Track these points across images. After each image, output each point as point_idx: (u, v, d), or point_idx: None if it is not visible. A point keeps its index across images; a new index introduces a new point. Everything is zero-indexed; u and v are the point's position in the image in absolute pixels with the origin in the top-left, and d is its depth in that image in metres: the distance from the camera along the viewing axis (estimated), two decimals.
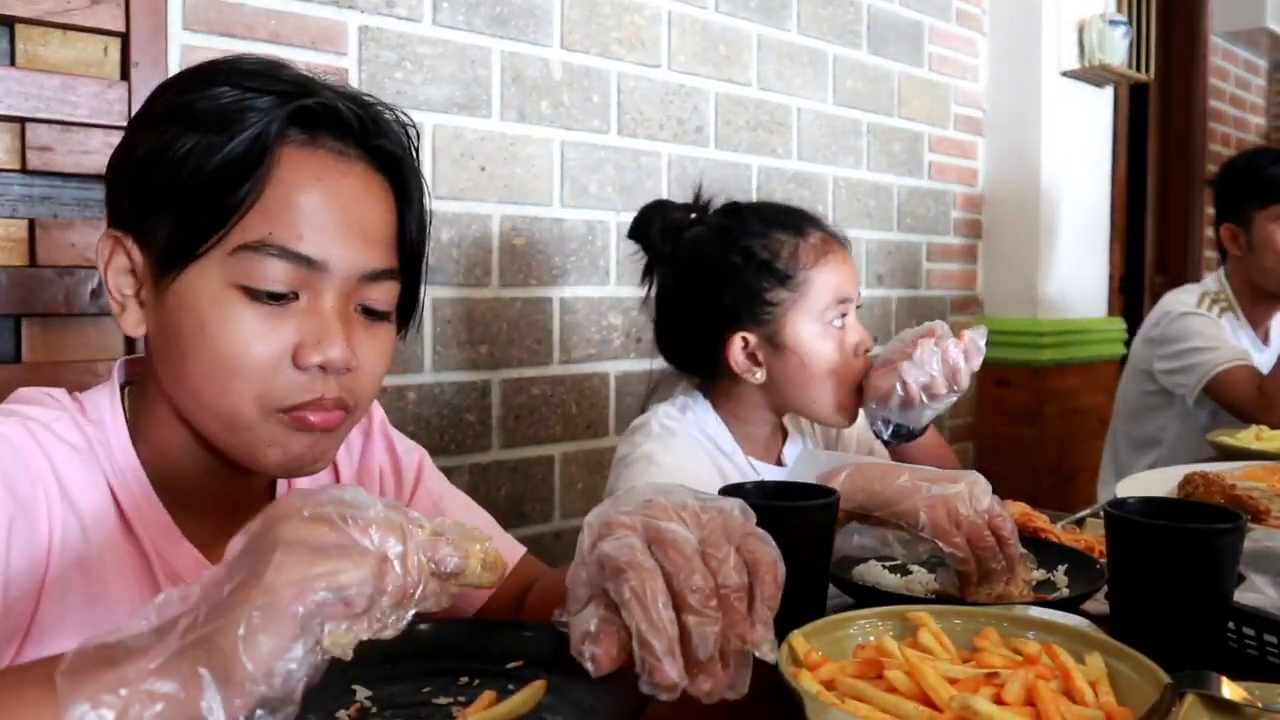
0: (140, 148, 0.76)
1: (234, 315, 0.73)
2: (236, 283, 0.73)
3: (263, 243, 0.73)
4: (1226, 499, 1.24)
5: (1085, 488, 2.91)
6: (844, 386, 1.28)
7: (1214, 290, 2.37)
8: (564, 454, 2.00)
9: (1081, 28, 3.02)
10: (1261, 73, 5.06)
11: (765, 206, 1.35)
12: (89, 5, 1.34)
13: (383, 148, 0.80)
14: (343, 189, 0.76)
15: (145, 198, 0.76)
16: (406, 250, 0.83)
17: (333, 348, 0.75)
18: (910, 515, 0.93)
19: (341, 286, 0.76)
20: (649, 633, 0.56)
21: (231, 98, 0.74)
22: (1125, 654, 0.69)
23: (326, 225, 0.75)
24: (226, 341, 0.73)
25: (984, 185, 3.10)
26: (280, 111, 0.74)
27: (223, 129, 0.73)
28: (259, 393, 0.74)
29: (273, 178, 0.74)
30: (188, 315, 0.74)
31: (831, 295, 1.27)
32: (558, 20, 1.95)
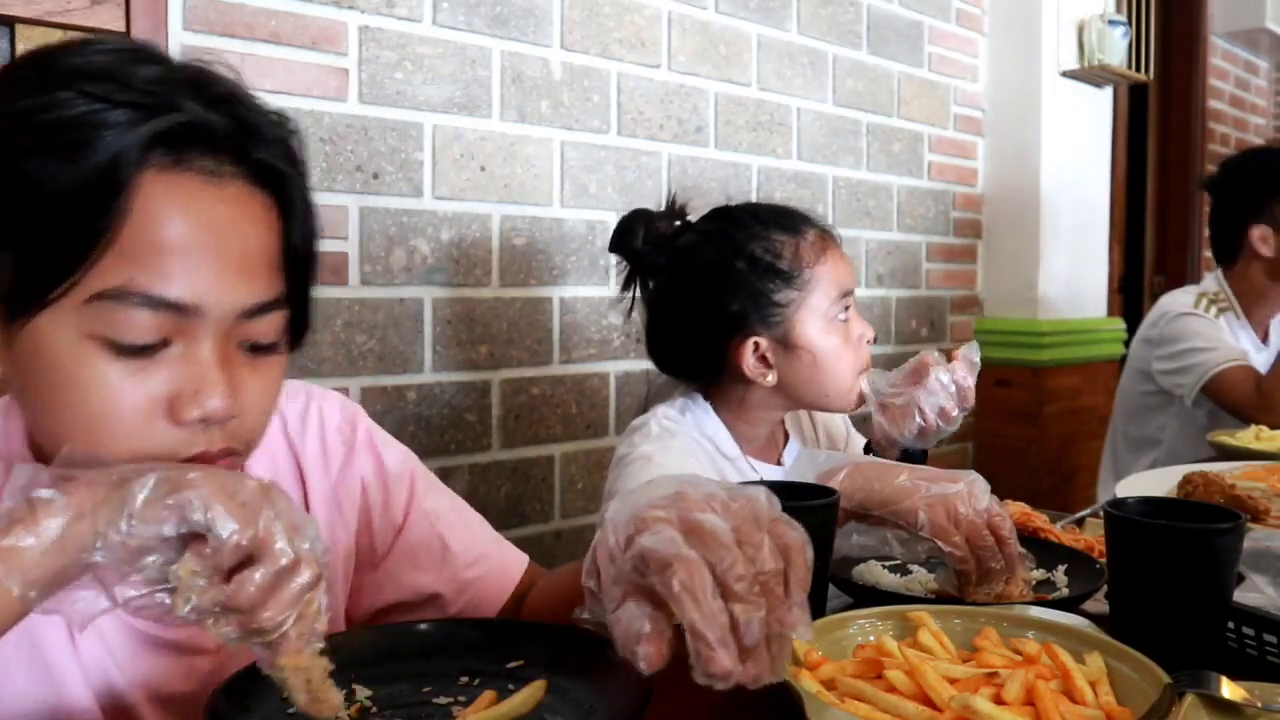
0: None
1: (95, 371, 0.64)
2: (95, 334, 0.63)
3: (123, 290, 0.63)
4: (1226, 499, 1.24)
5: (1085, 488, 2.91)
6: (852, 377, 1.29)
7: (1213, 291, 2.36)
8: (564, 454, 2.00)
9: (1081, 28, 3.02)
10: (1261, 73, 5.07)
11: (759, 207, 1.34)
12: (89, 5, 1.34)
13: (263, 161, 0.69)
14: (215, 217, 0.66)
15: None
16: (292, 266, 0.73)
17: (211, 399, 0.66)
18: (909, 514, 0.94)
19: (218, 327, 0.67)
20: (702, 624, 0.56)
21: (78, 110, 0.62)
22: (1125, 654, 0.69)
23: (197, 263, 0.64)
24: (91, 399, 0.64)
25: (984, 185, 3.11)
26: (139, 133, 0.63)
27: (69, 152, 0.61)
28: (133, 451, 0.65)
29: (132, 211, 0.62)
30: (42, 368, 0.65)
31: (836, 290, 1.28)
32: (558, 20, 1.95)
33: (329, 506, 0.90)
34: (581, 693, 0.68)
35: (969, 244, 3.08)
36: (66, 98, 0.62)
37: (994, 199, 3.10)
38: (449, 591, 0.93)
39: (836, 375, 1.28)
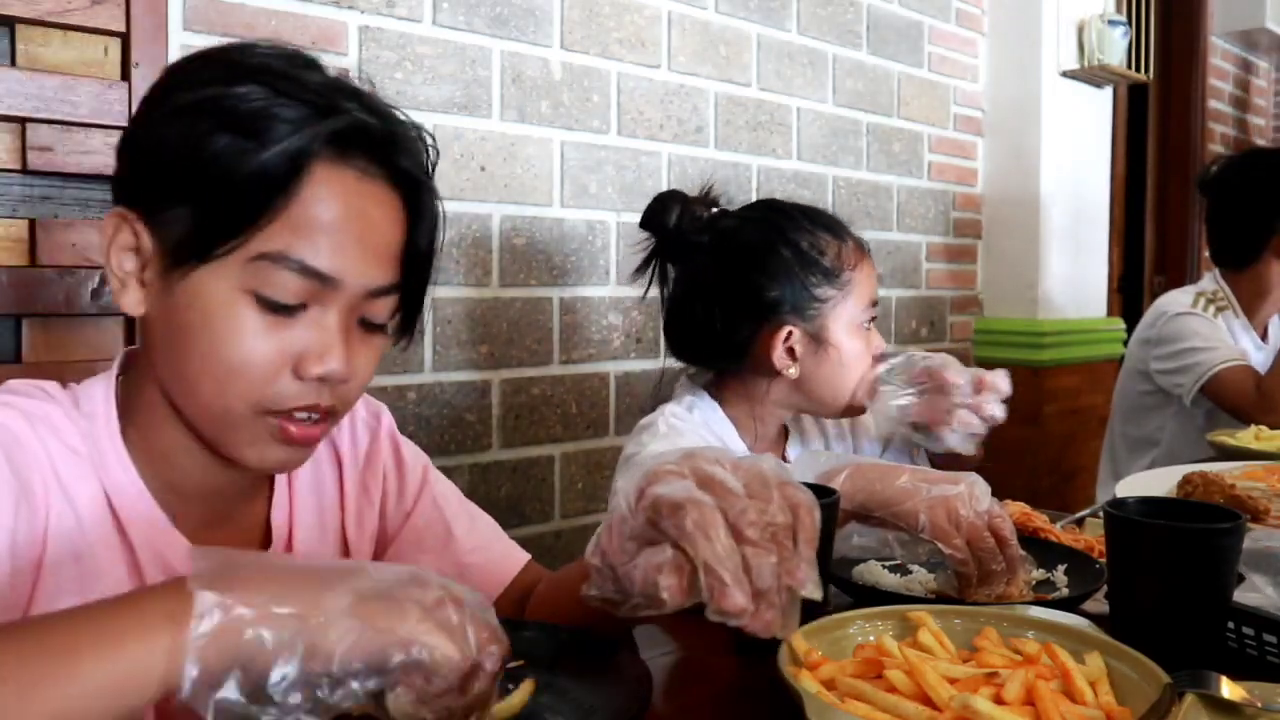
0: (163, 134, 0.76)
1: (243, 321, 0.74)
2: (250, 289, 0.74)
3: (282, 254, 0.73)
4: (1226, 499, 1.25)
5: (1085, 488, 2.91)
6: (864, 385, 1.31)
7: (1210, 290, 2.36)
8: (564, 454, 2.00)
9: (1081, 28, 3.02)
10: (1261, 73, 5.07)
11: (804, 206, 1.36)
12: (89, 5, 1.34)
13: (403, 168, 0.80)
14: (364, 208, 0.77)
15: (165, 186, 0.75)
16: (413, 260, 0.83)
17: (334, 360, 0.76)
18: (910, 516, 0.94)
19: (347, 301, 0.77)
20: (715, 561, 0.58)
21: (262, 101, 0.73)
22: (1125, 654, 0.69)
23: (344, 243, 0.75)
24: (233, 346, 0.74)
25: (984, 185, 3.11)
26: (318, 129, 0.74)
27: (255, 135, 0.72)
28: (255, 397, 0.75)
29: (302, 193, 0.74)
30: (195, 313, 0.75)
31: (868, 298, 1.31)
32: (558, 20, 1.95)
33: (359, 491, 0.97)
34: (581, 693, 0.68)
35: (969, 244, 3.08)
36: (251, 90, 0.74)
37: (994, 199, 3.10)
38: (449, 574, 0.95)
39: (853, 378, 1.30)
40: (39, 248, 1.31)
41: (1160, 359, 2.27)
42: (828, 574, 0.88)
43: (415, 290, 0.85)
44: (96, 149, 1.35)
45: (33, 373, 1.29)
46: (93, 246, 1.35)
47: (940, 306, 2.97)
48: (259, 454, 0.78)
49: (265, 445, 0.78)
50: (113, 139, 1.36)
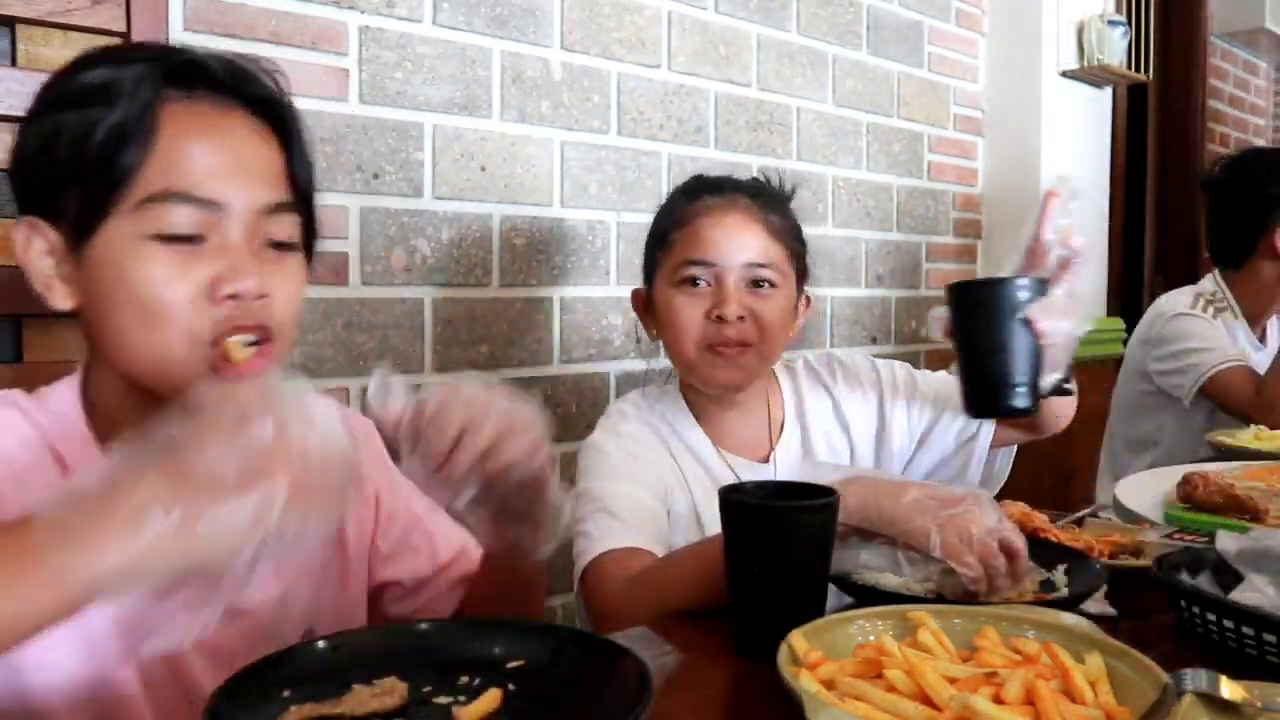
0: (34, 137, 0.82)
1: (149, 261, 0.78)
2: (146, 232, 0.78)
3: (164, 192, 0.78)
4: (1226, 499, 1.25)
5: (1085, 487, 2.91)
6: (691, 348, 1.28)
7: (1209, 291, 2.36)
8: (564, 454, 1.99)
9: (1081, 28, 3.02)
10: (1261, 73, 5.07)
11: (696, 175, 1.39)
12: (89, 5, 1.34)
13: (258, 94, 0.85)
14: (227, 133, 0.82)
15: (48, 179, 0.81)
16: (300, 187, 0.88)
17: (244, 278, 0.80)
18: (921, 535, 0.92)
19: (243, 221, 0.81)
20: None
21: (106, 74, 0.80)
22: (1125, 654, 0.69)
23: (218, 168, 0.80)
24: (147, 284, 0.78)
25: (984, 185, 3.11)
26: (154, 72, 0.80)
27: (104, 100, 0.78)
28: (183, 331, 0.79)
29: (161, 133, 0.79)
30: (108, 269, 0.79)
31: (683, 256, 1.28)
32: (558, 20, 1.95)
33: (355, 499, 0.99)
34: (581, 693, 0.68)
35: (969, 244, 3.08)
36: (96, 71, 0.80)
37: (994, 199, 3.10)
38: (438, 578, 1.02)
39: (672, 340, 1.30)
40: None
41: (1159, 360, 2.27)
42: (826, 576, 0.88)
43: (308, 214, 0.90)
44: None
45: (33, 373, 1.29)
46: None
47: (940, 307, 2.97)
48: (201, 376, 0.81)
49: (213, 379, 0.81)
50: None
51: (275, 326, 0.83)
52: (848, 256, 2.64)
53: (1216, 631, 0.86)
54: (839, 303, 2.63)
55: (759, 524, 0.83)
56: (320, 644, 0.72)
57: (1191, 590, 0.90)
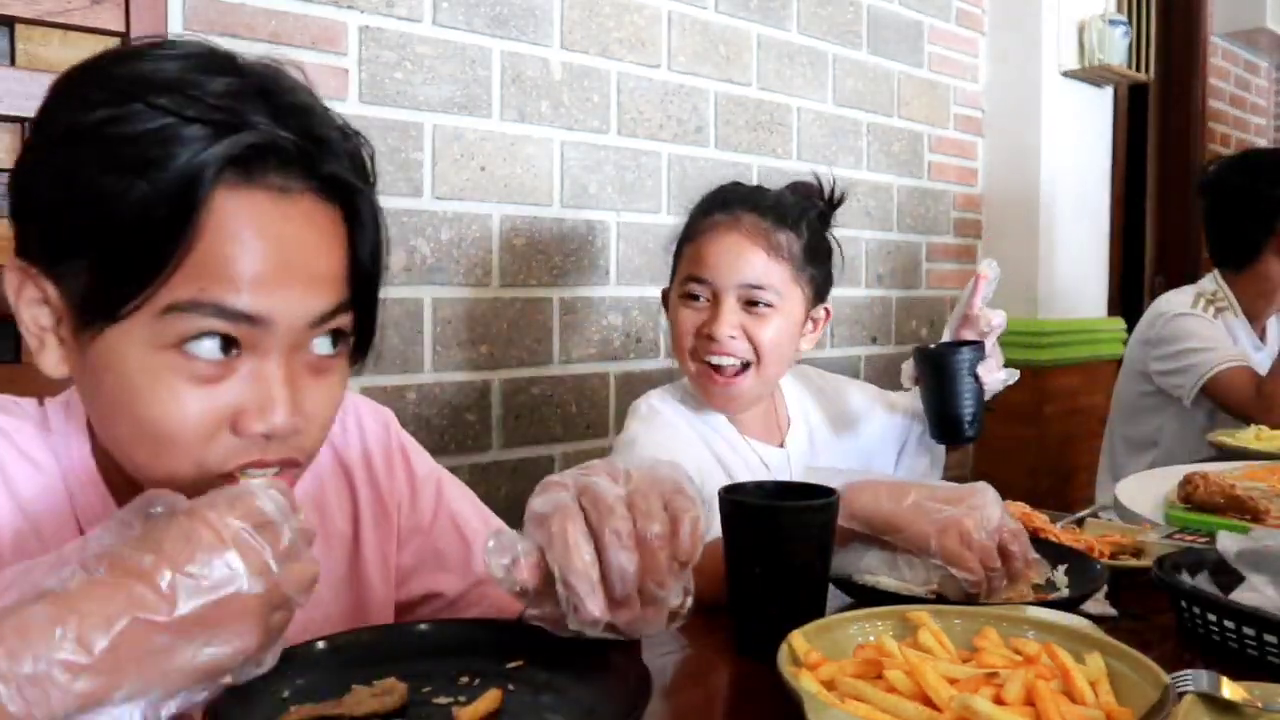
0: (44, 170, 0.66)
1: (166, 383, 0.65)
2: (167, 345, 0.65)
3: (194, 302, 0.64)
4: (1227, 499, 1.24)
5: (1085, 488, 2.91)
6: (686, 357, 1.35)
7: (1210, 291, 2.36)
8: (564, 454, 2.00)
9: (1081, 28, 3.02)
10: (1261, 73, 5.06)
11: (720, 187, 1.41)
12: (89, 5, 1.34)
13: (330, 175, 0.69)
14: (284, 232, 0.66)
15: (54, 235, 0.66)
16: (359, 275, 0.74)
17: (276, 414, 0.67)
18: (921, 539, 0.91)
19: (286, 339, 0.68)
20: (571, 572, 0.61)
21: (152, 124, 0.63)
22: (1125, 654, 0.69)
23: (266, 274, 0.65)
24: (159, 411, 0.65)
25: (984, 185, 3.11)
26: (212, 154, 0.63)
27: (142, 168, 0.62)
28: (195, 460, 0.67)
29: (204, 227, 0.63)
30: (113, 377, 0.66)
31: (687, 270, 1.34)
32: (558, 20, 1.95)
33: (375, 514, 0.93)
34: (581, 693, 0.68)
35: (969, 244, 3.08)
36: (138, 110, 0.63)
37: (994, 199, 3.09)
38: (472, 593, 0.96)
39: (676, 349, 1.37)
40: None
41: (1160, 360, 2.27)
42: (826, 576, 0.88)
43: (367, 306, 0.75)
44: None
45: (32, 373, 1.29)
46: None
47: (940, 306, 2.97)
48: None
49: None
50: None
51: (305, 456, 0.72)
52: (848, 256, 2.63)
53: (1217, 632, 0.86)
54: (839, 303, 2.62)
55: (759, 524, 0.83)
56: (320, 644, 0.71)
57: (1192, 591, 0.90)
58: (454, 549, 0.96)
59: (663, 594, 0.63)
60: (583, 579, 0.60)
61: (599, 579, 0.61)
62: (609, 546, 0.61)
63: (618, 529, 0.61)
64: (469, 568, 0.95)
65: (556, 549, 0.61)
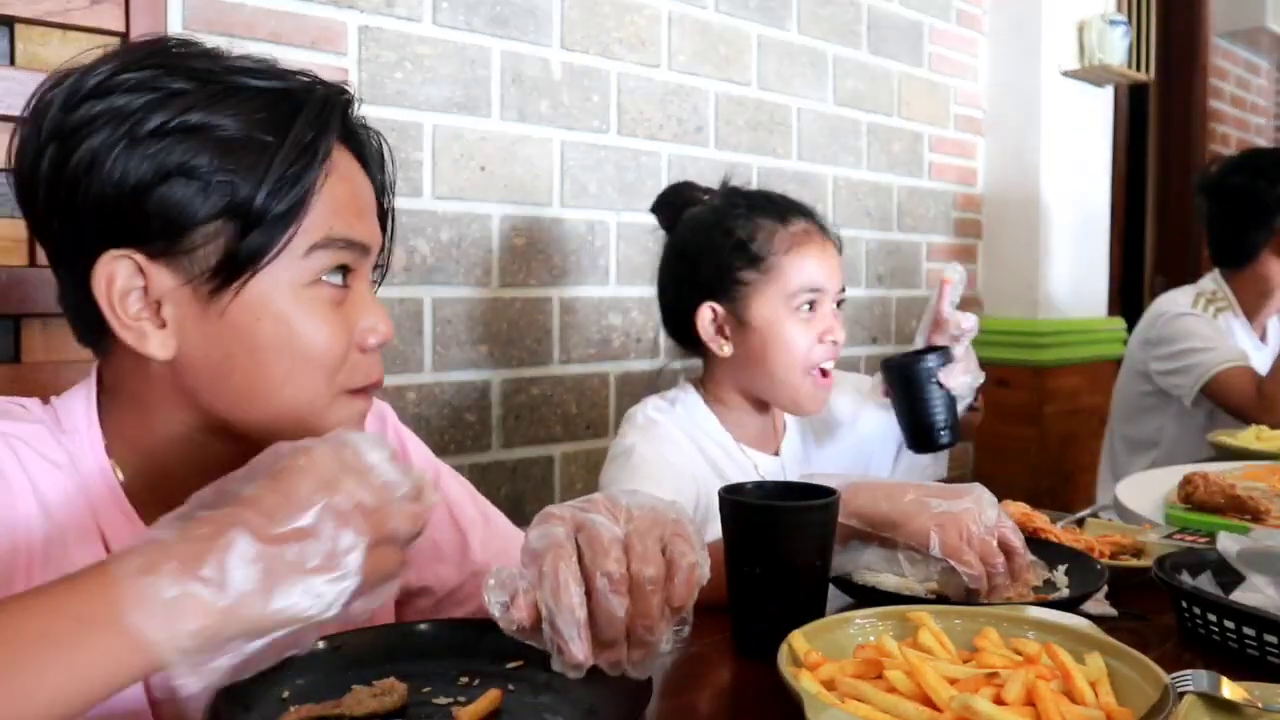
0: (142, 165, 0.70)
1: (319, 312, 0.75)
2: (312, 279, 0.74)
3: (329, 239, 0.75)
4: (1227, 499, 1.24)
5: (1085, 488, 2.91)
6: (800, 371, 1.33)
7: (1210, 290, 2.36)
8: (564, 454, 2.00)
9: (1081, 28, 3.02)
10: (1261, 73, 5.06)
11: (759, 192, 1.41)
12: (89, 5, 1.34)
13: (353, 128, 0.81)
14: (354, 176, 0.79)
15: (171, 216, 0.70)
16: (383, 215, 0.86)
17: (385, 324, 0.79)
18: (921, 535, 0.92)
19: (369, 264, 0.80)
20: (558, 615, 0.60)
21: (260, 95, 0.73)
22: (1125, 654, 0.69)
23: (359, 210, 0.78)
24: (314, 337, 0.75)
25: (984, 185, 3.11)
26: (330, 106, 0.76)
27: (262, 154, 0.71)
28: (339, 382, 0.77)
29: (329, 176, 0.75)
30: (268, 322, 0.73)
31: (800, 283, 1.32)
32: (558, 20, 1.95)
33: None
34: (581, 693, 0.68)
35: (969, 244, 3.08)
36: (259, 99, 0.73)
37: (994, 199, 3.09)
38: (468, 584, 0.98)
39: (782, 364, 1.33)
40: (38, 248, 1.31)
41: (1160, 360, 2.27)
42: (826, 576, 0.88)
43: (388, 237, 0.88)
44: None
45: (31, 373, 1.29)
46: None
47: None
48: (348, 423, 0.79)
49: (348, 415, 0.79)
50: None
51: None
52: (848, 256, 2.64)
53: (1217, 632, 0.86)
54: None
55: (759, 524, 0.83)
56: (320, 644, 0.72)
57: (1192, 591, 0.90)
58: (450, 541, 0.98)
59: (652, 639, 0.62)
60: (569, 622, 0.60)
61: (586, 622, 0.61)
62: (599, 590, 0.61)
63: (610, 572, 0.61)
64: (466, 559, 0.97)
65: (546, 589, 0.61)
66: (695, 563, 0.64)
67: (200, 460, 0.78)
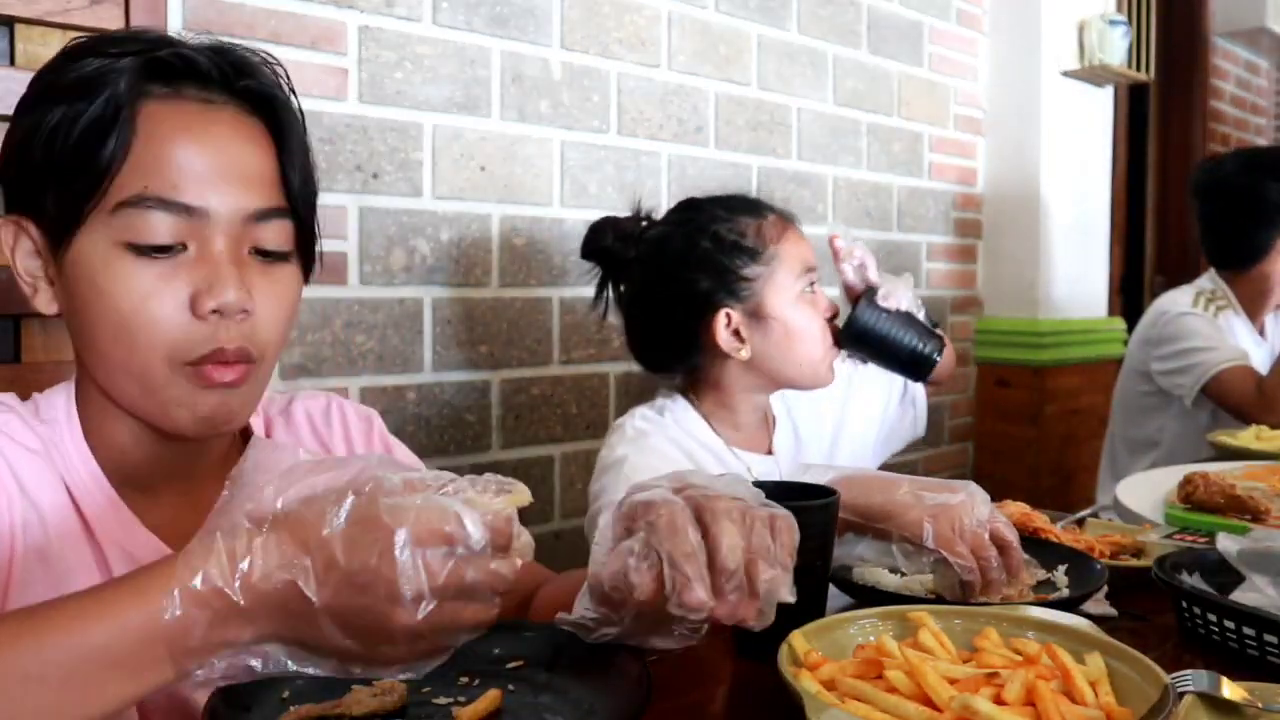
0: (19, 131, 0.77)
1: (125, 272, 0.74)
2: (122, 240, 0.74)
3: (140, 197, 0.73)
4: (1227, 499, 1.24)
5: (1085, 488, 2.91)
6: (823, 348, 1.36)
7: (1210, 289, 2.35)
8: (564, 454, 2.00)
9: (1081, 28, 3.02)
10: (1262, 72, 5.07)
11: (720, 196, 1.41)
12: (89, 5, 1.34)
13: (250, 88, 0.79)
14: (212, 135, 0.76)
15: (29, 176, 0.76)
16: (293, 190, 0.82)
17: (226, 292, 0.74)
18: (915, 526, 0.93)
19: (228, 230, 0.76)
20: (679, 555, 0.60)
21: (94, 66, 0.75)
22: (1125, 654, 0.69)
23: (200, 171, 0.75)
24: (124, 299, 0.74)
25: (984, 185, 3.10)
26: (135, 66, 0.75)
27: (85, 95, 0.74)
28: (164, 347, 0.74)
29: (138, 133, 0.74)
30: (84, 282, 0.75)
31: (799, 265, 1.35)
32: (558, 20, 1.95)
33: None
34: (581, 693, 0.68)
35: (969, 244, 3.08)
36: (87, 61, 0.75)
37: (994, 199, 3.09)
38: None
39: (807, 345, 1.34)
40: None
41: (1161, 359, 2.26)
42: (826, 576, 0.88)
43: (306, 216, 0.83)
44: None
45: (31, 373, 1.29)
46: None
47: (940, 306, 2.97)
48: (189, 412, 0.77)
49: (194, 401, 0.76)
50: None
51: (259, 351, 0.78)
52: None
53: (1217, 632, 0.86)
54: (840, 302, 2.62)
55: None
56: None
57: (1192, 591, 0.90)
58: None
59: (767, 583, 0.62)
60: (691, 561, 0.60)
61: (705, 563, 0.61)
62: (717, 526, 0.61)
63: (726, 509, 0.62)
64: None
65: (663, 533, 0.61)
66: (793, 524, 0.65)
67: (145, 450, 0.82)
